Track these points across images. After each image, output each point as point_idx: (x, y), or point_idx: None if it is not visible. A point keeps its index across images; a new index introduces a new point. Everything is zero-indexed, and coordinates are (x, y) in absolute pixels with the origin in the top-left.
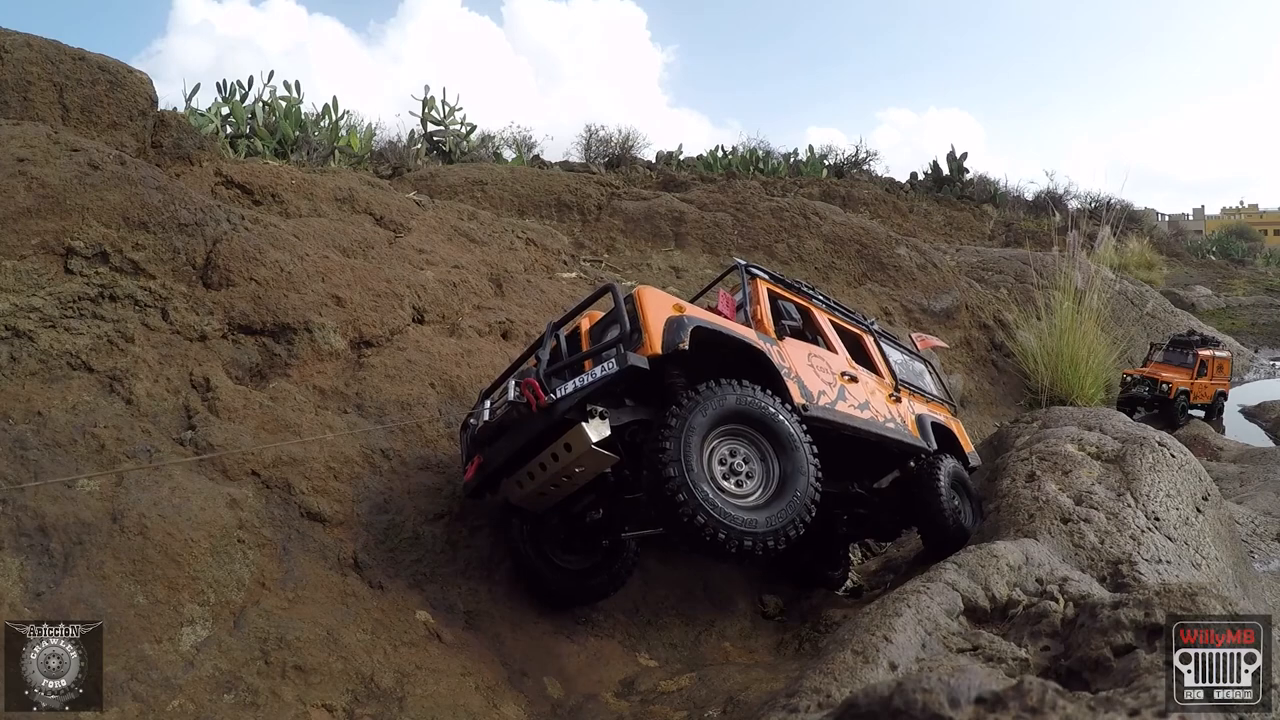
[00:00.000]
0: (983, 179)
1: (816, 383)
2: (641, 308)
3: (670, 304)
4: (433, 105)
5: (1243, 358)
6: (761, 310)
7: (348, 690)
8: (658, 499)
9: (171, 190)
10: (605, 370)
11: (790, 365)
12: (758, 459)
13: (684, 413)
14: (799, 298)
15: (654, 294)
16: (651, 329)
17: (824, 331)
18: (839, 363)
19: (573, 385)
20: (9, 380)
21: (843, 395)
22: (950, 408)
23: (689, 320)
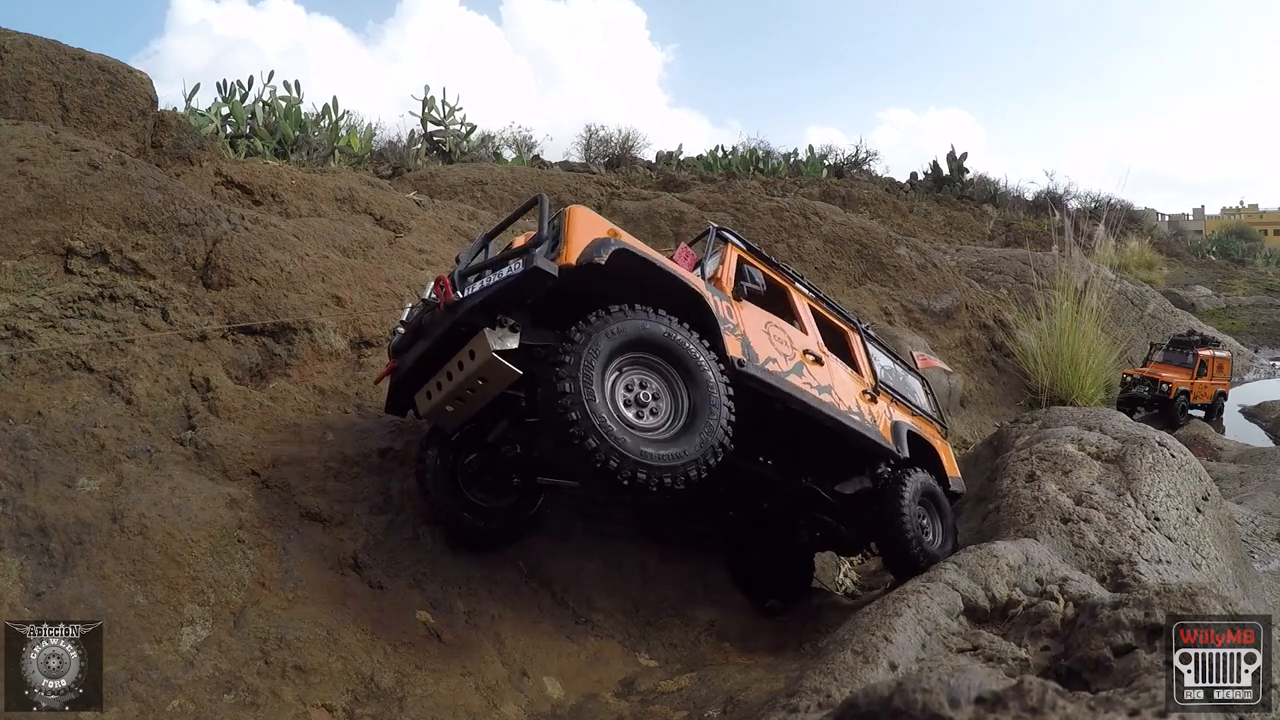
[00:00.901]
0: (983, 179)
1: (767, 348)
2: (569, 222)
3: (604, 228)
4: (433, 105)
5: (1243, 358)
6: (723, 271)
7: (348, 690)
8: (550, 417)
9: (171, 190)
10: (511, 271)
11: (738, 323)
12: (667, 394)
13: (590, 330)
14: (776, 274)
15: (587, 214)
16: (573, 241)
17: (798, 313)
18: (805, 341)
19: (479, 284)
20: (9, 380)
21: (799, 370)
22: (940, 428)
23: (617, 242)
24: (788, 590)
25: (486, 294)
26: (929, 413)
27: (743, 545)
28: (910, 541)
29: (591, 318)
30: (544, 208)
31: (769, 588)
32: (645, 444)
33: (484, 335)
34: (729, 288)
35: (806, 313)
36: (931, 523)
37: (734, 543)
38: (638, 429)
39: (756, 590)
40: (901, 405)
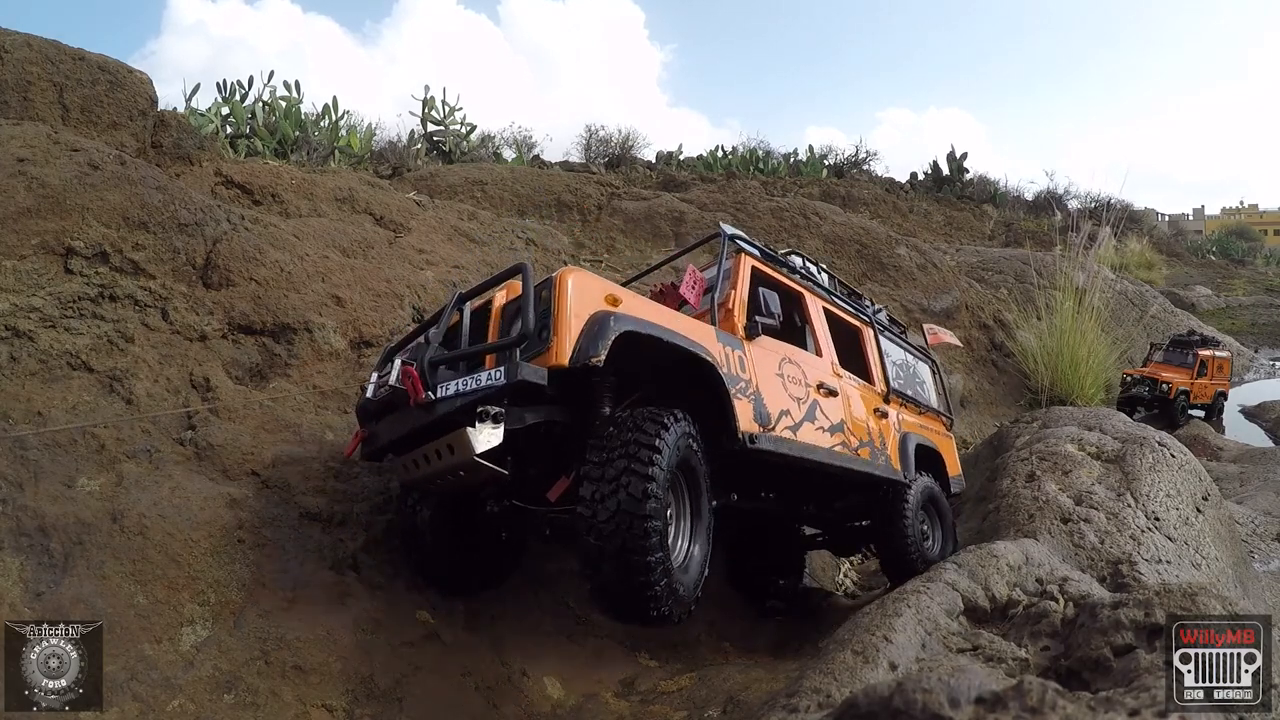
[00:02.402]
0: (983, 179)
1: (781, 399)
2: (559, 298)
3: (601, 294)
4: (432, 105)
5: (1243, 358)
6: (736, 298)
7: (347, 690)
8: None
9: (171, 190)
10: (491, 380)
11: (750, 377)
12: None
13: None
14: (791, 281)
15: (581, 280)
16: (564, 329)
17: (813, 325)
18: (820, 370)
19: (455, 387)
20: (9, 380)
21: (812, 414)
22: (946, 420)
23: (617, 322)
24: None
25: (465, 400)
26: (936, 406)
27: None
28: (910, 550)
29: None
30: (528, 283)
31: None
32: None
33: (465, 436)
34: (741, 321)
35: (822, 324)
36: (932, 528)
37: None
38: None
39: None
40: (911, 407)
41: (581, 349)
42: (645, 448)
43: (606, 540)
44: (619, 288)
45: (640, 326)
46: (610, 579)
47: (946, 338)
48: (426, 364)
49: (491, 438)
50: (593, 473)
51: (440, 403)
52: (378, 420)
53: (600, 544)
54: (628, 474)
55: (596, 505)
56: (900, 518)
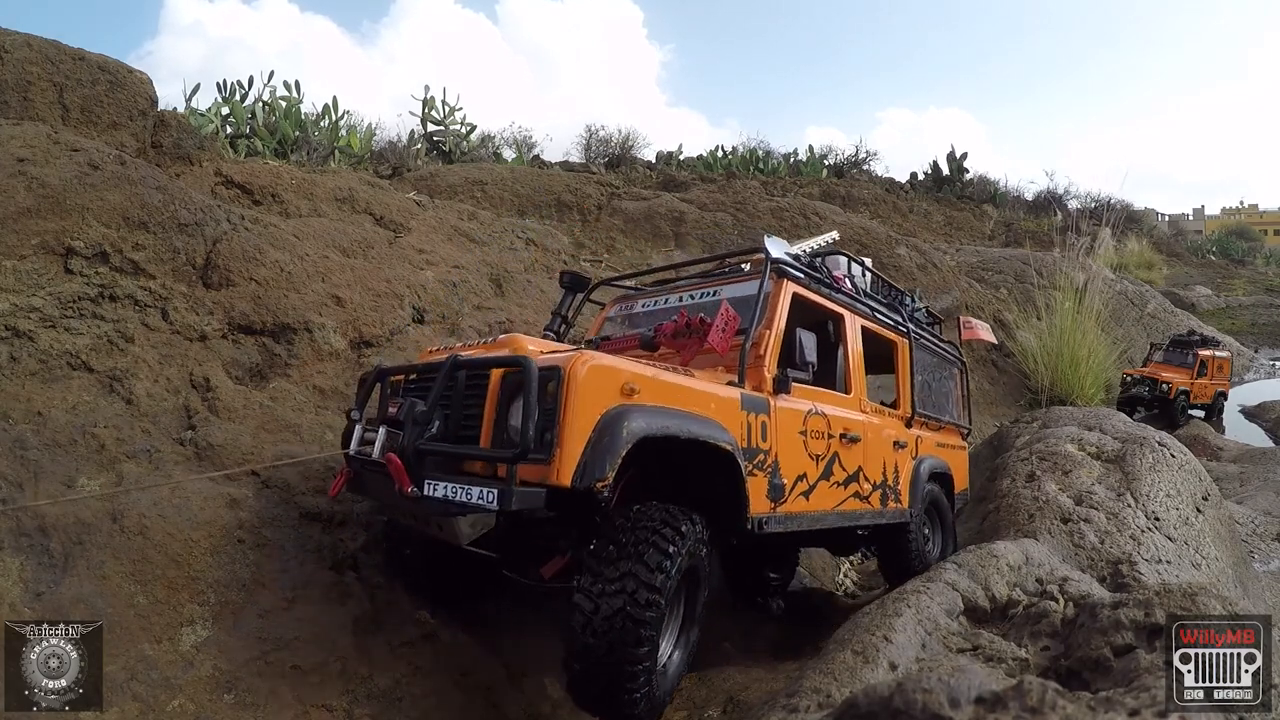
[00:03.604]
0: (983, 179)
1: (799, 461)
2: (567, 398)
3: (616, 385)
4: (432, 105)
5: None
6: (770, 341)
7: (347, 690)
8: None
9: (171, 190)
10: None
11: (770, 445)
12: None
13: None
14: (833, 304)
15: (596, 375)
16: (569, 441)
17: (848, 352)
18: (847, 412)
19: (444, 493)
20: (9, 380)
21: (829, 470)
22: (964, 430)
23: (631, 425)
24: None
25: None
26: (956, 419)
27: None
28: (912, 558)
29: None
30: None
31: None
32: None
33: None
34: (770, 372)
35: (857, 349)
36: (933, 534)
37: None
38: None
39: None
40: (932, 424)
41: (587, 466)
42: (657, 552)
43: (598, 639)
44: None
45: (656, 426)
46: (593, 677)
47: (983, 334)
48: (413, 451)
49: (481, 527)
50: (596, 565)
51: (426, 500)
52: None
53: (592, 642)
54: (633, 577)
55: (596, 600)
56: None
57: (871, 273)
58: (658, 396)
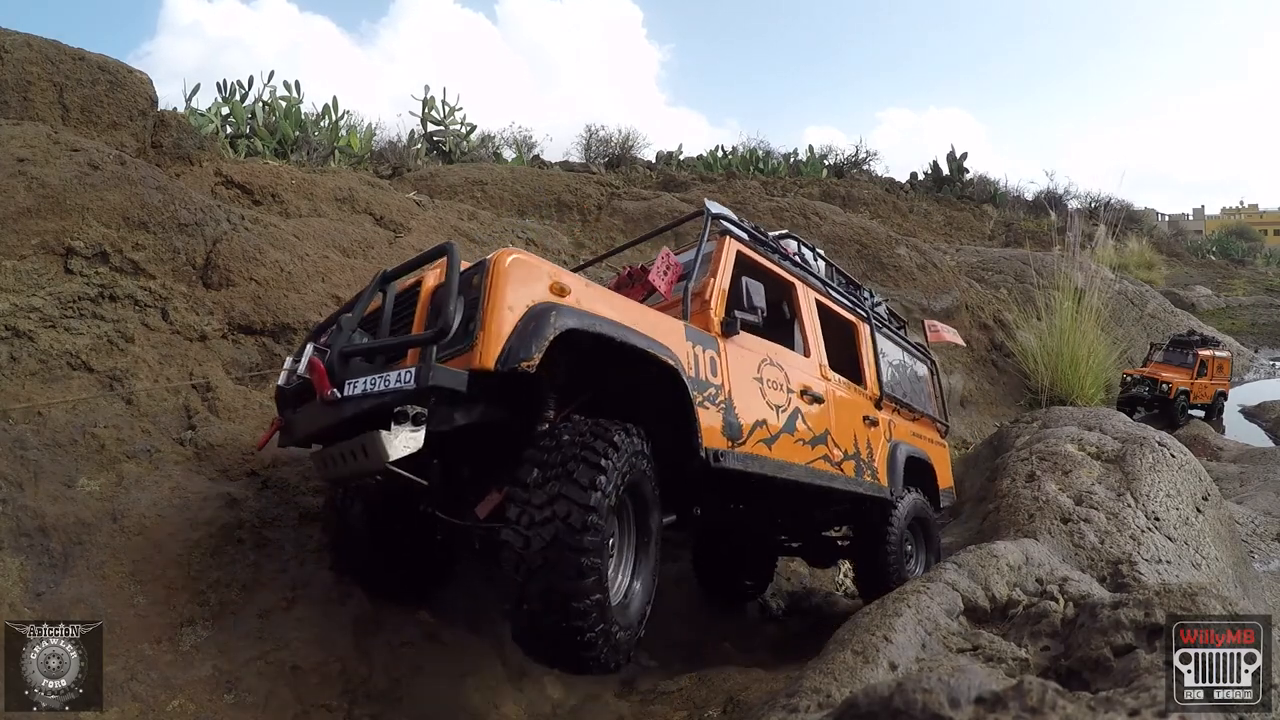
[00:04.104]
0: (983, 179)
1: (757, 407)
2: (492, 286)
3: (544, 281)
4: (432, 105)
5: (1243, 358)
6: (714, 287)
7: (347, 691)
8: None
9: (171, 190)
10: (399, 383)
11: (722, 381)
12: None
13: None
14: (782, 270)
15: (521, 264)
16: (494, 324)
17: (803, 320)
18: (806, 372)
19: (363, 386)
20: (9, 380)
21: (792, 425)
22: (941, 427)
23: (559, 316)
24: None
25: (369, 404)
26: (931, 412)
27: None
28: (891, 573)
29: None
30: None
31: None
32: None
33: (378, 441)
34: (718, 316)
35: (813, 319)
36: (916, 549)
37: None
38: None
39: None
40: (904, 412)
41: (511, 349)
42: (588, 467)
43: (533, 576)
44: (569, 274)
45: (587, 322)
46: (536, 621)
47: (949, 335)
48: (336, 356)
49: (409, 443)
50: (523, 494)
51: (346, 402)
52: (294, 409)
53: (526, 580)
54: (565, 500)
55: (525, 533)
56: (883, 540)
57: (825, 260)
58: (591, 304)
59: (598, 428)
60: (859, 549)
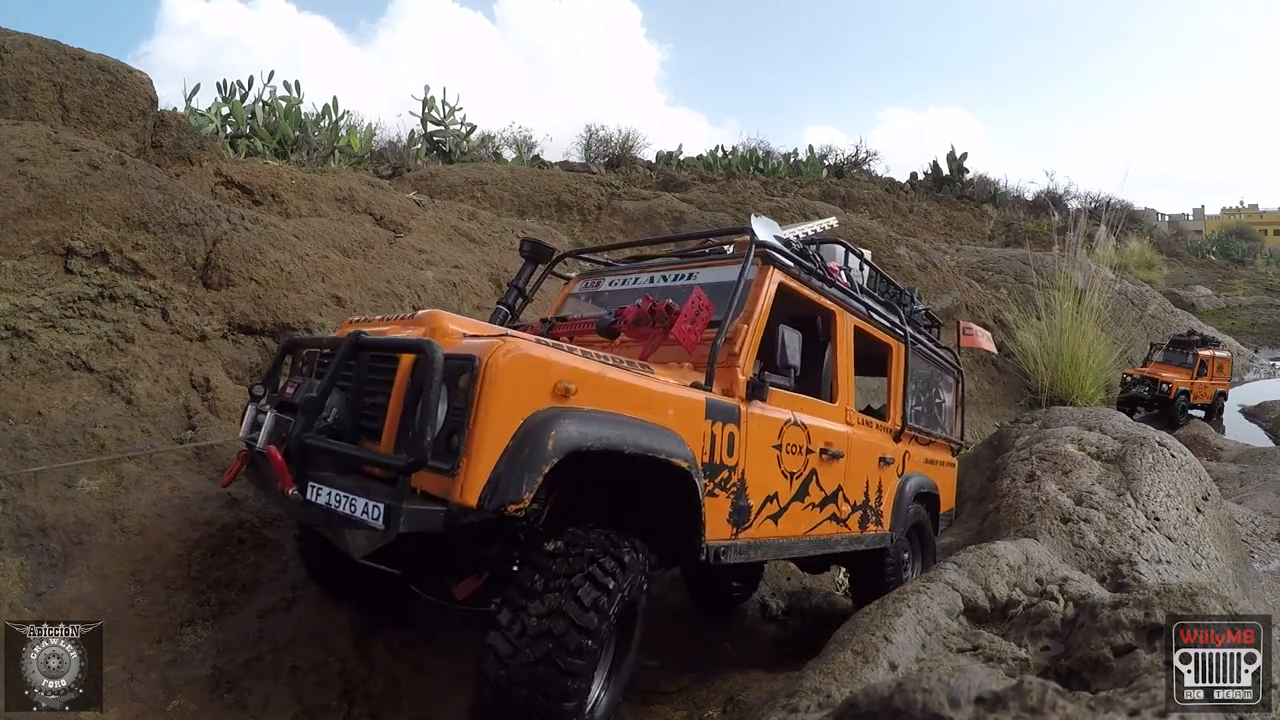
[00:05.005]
0: (983, 179)
1: (771, 479)
2: (481, 396)
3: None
4: (432, 105)
5: (1243, 358)
6: (747, 338)
7: (346, 691)
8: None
9: (171, 190)
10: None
11: (737, 461)
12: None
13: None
14: (825, 299)
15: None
16: (481, 448)
17: (837, 354)
18: (830, 421)
19: (326, 501)
20: (9, 380)
21: (805, 490)
22: (955, 447)
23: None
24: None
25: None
26: (948, 433)
27: None
28: (888, 584)
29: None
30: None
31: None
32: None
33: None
34: (745, 374)
35: (847, 352)
36: (913, 559)
37: None
38: None
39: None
40: (922, 437)
41: (499, 483)
42: (593, 587)
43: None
44: (577, 363)
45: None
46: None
47: (984, 342)
48: (299, 444)
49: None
50: (518, 600)
51: (307, 509)
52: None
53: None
54: (563, 617)
55: (516, 644)
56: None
57: (870, 266)
58: (601, 398)
59: (608, 542)
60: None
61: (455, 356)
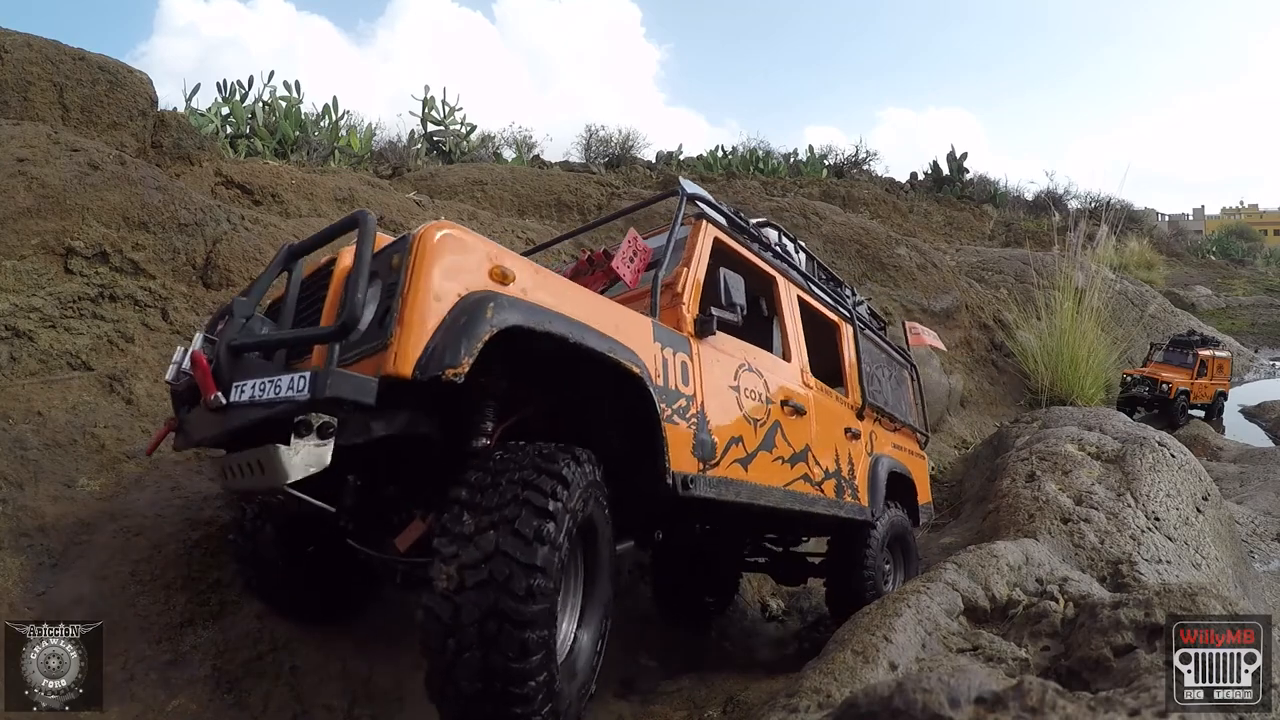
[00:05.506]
0: (983, 179)
1: (733, 421)
2: (415, 269)
3: (483, 264)
4: (432, 105)
5: (1243, 358)
6: (689, 278)
7: (346, 691)
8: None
9: (171, 190)
10: (291, 391)
11: (694, 391)
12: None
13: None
14: (762, 261)
15: (453, 243)
16: (415, 317)
17: (784, 319)
18: (788, 379)
19: (250, 393)
20: (9, 380)
21: (771, 440)
22: (921, 437)
23: (498, 309)
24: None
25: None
26: (912, 422)
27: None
28: (867, 595)
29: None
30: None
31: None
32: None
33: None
34: (691, 312)
35: (795, 318)
36: (894, 569)
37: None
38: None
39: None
40: (886, 422)
41: (435, 351)
42: (533, 513)
43: (463, 653)
44: (515, 256)
45: (534, 318)
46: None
47: (929, 339)
48: (224, 350)
49: (312, 459)
50: (449, 545)
51: (232, 409)
52: (190, 408)
53: (454, 657)
54: (504, 558)
55: (455, 591)
56: (860, 563)
57: (805, 253)
58: (541, 294)
59: (543, 457)
60: (833, 568)
61: (389, 244)
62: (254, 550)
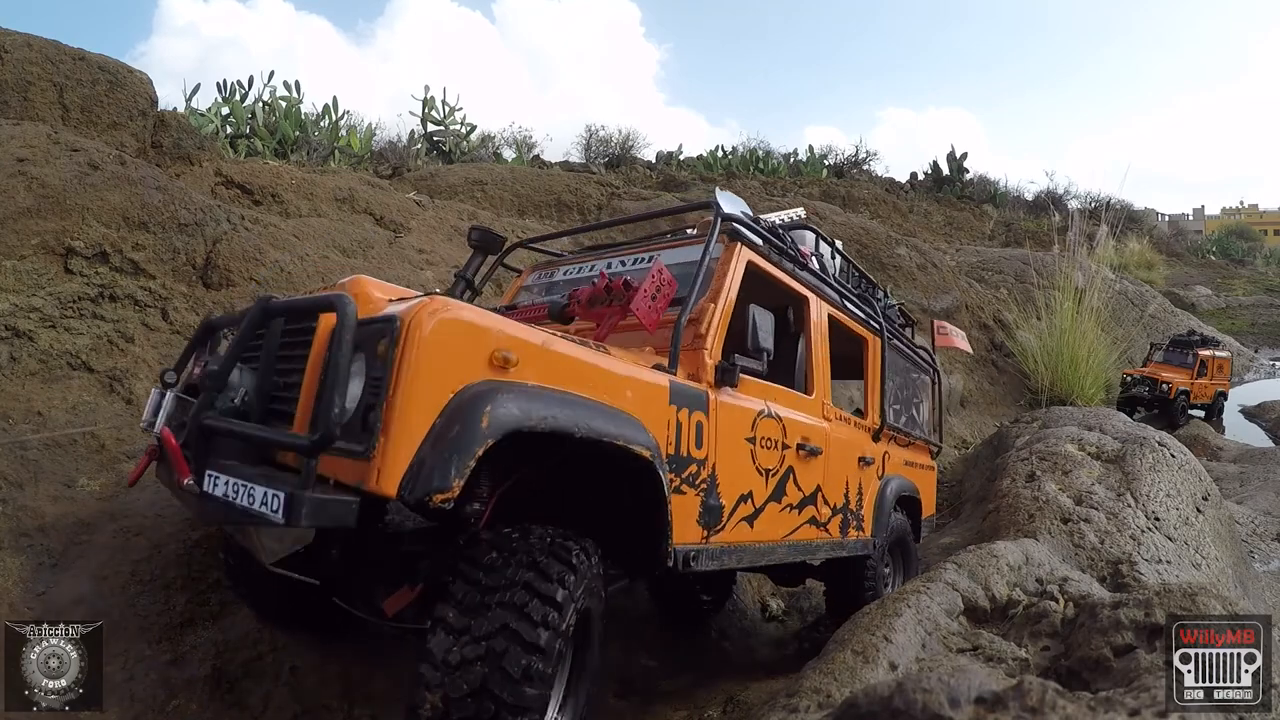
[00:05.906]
0: (983, 179)
1: (745, 476)
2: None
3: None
4: (432, 105)
5: (1243, 358)
6: (715, 319)
7: (346, 691)
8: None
9: (171, 190)
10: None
11: (707, 454)
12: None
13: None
14: (797, 282)
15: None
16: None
17: (811, 344)
18: (806, 415)
19: (224, 491)
20: (9, 380)
21: (781, 489)
22: (934, 449)
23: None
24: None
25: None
26: (927, 434)
27: None
28: (865, 597)
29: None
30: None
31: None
32: None
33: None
34: (713, 358)
35: (822, 342)
36: (894, 571)
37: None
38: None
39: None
40: (901, 438)
41: (424, 470)
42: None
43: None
44: (519, 329)
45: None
46: None
47: (958, 341)
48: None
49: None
50: (452, 618)
51: (206, 500)
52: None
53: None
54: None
55: (453, 673)
56: (859, 574)
57: (842, 256)
58: (546, 373)
59: (555, 544)
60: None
61: (374, 319)
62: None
